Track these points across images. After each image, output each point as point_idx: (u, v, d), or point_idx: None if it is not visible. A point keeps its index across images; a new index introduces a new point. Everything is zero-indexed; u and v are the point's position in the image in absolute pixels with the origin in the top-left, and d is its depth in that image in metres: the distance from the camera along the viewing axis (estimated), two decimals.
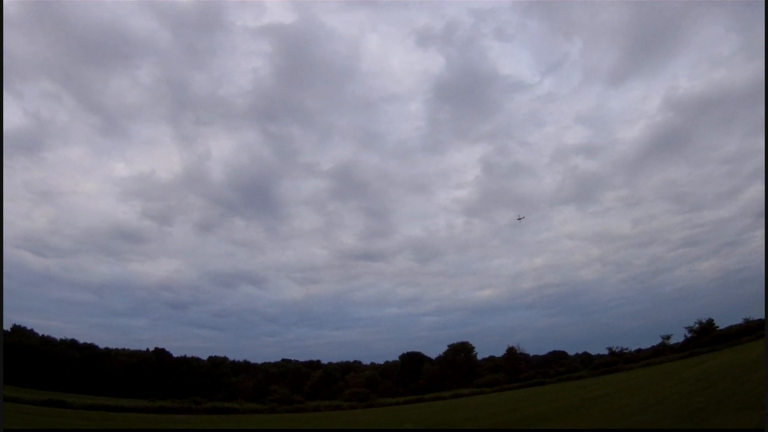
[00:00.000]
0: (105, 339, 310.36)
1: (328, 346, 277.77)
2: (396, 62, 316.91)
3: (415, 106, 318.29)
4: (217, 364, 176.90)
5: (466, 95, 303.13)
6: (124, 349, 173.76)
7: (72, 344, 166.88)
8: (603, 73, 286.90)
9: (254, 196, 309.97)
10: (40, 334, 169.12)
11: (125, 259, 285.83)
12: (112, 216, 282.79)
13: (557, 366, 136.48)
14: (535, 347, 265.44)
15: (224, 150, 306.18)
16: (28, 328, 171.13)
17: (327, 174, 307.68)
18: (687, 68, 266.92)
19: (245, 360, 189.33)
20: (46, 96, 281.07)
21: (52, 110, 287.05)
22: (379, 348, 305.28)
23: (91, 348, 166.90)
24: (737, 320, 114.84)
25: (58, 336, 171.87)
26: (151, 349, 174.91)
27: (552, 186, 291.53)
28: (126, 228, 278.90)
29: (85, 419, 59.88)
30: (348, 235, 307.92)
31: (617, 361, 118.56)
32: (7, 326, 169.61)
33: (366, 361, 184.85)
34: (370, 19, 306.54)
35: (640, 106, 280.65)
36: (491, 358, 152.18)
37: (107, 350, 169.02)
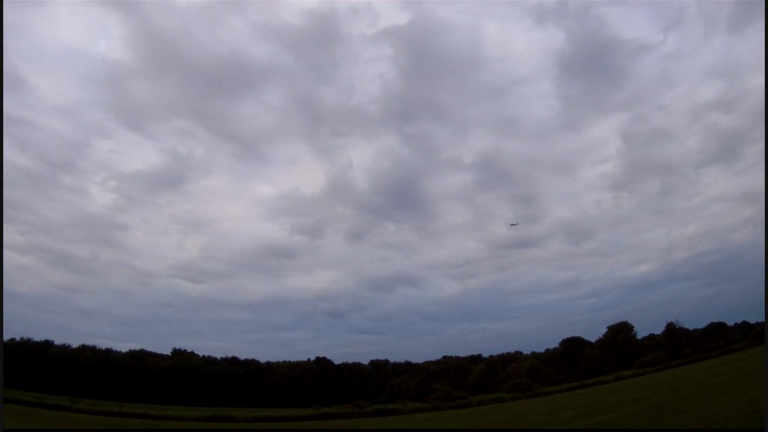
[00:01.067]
0: (266, 353, 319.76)
1: (488, 339, 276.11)
2: (518, 44, 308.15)
3: (544, 86, 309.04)
4: (379, 367, 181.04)
5: (592, 66, 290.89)
6: (285, 362, 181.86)
7: (233, 361, 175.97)
8: (723, 21, 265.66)
9: (401, 198, 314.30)
10: (201, 355, 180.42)
11: (281, 275, 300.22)
12: (262, 236, 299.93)
13: (717, 339, 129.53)
14: (694, 320, 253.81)
15: (365, 158, 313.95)
16: (189, 350, 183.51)
17: (470, 166, 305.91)
18: None
19: (407, 360, 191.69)
20: (179, 133, 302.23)
21: (187, 145, 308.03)
22: (539, 336, 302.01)
23: (252, 363, 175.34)
24: None
25: (219, 355, 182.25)
26: (313, 359, 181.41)
27: (694, 147, 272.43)
28: (278, 245, 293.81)
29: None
30: (498, 225, 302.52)
31: None
32: (167, 350, 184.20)
33: (527, 351, 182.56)
34: (483, 6, 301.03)
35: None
36: (651, 336, 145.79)
37: (269, 364, 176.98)
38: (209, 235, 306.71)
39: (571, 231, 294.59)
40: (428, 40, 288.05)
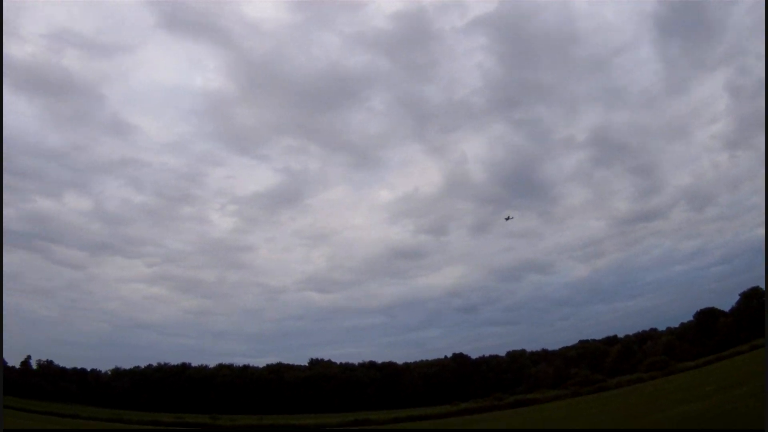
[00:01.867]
0: (402, 355, 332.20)
1: (621, 318, 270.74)
2: (609, 13, 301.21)
3: (644, 51, 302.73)
4: (516, 357, 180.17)
5: (688, 23, 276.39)
6: (422, 361, 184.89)
7: (371, 365, 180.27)
8: None
9: (519, 185, 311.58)
10: (338, 362, 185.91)
11: (409, 276, 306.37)
12: (387, 239, 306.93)
13: None
14: None
15: (477, 149, 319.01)
16: (326, 359, 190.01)
17: (584, 144, 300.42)
18: None
19: (543, 348, 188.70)
20: (290, 151, 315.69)
21: (300, 162, 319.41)
22: (672, 310, 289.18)
23: (390, 366, 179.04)
24: None
25: (356, 361, 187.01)
26: (449, 355, 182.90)
27: None
28: (403, 247, 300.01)
29: None
30: (620, 200, 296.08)
31: None
32: (304, 362, 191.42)
33: (661, 327, 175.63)
34: None
35: None
36: None
37: (406, 365, 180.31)
38: (334, 246, 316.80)
39: (692, 197, 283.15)
40: (520, 22, 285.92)
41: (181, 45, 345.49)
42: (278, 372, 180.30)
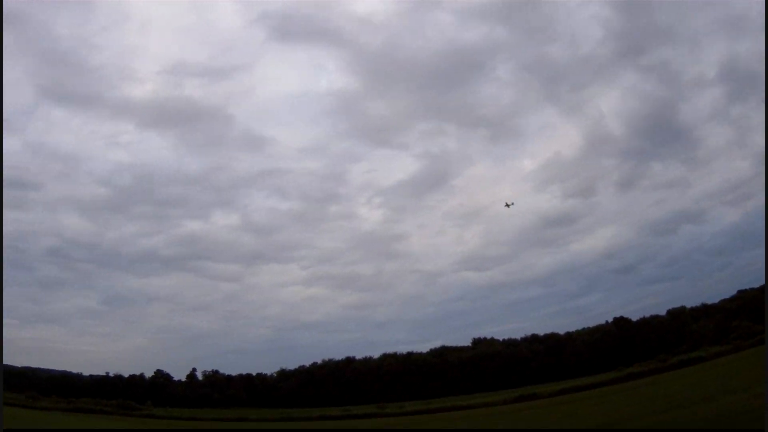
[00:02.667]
0: (563, 324, 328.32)
1: None
2: None
3: None
4: (676, 315, 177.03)
5: None
6: (584, 329, 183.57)
7: (533, 339, 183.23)
8: None
9: (659, 133, 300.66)
10: (501, 339, 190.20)
11: (563, 244, 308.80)
12: (537, 209, 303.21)
13: None
14: None
15: (612, 103, 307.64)
16: (489, 337, 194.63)
17: (715, 81, 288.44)
18: None
19: (702, 303, 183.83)
20: (427, 135, 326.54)
21: (439, 144, 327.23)
22: None
23: (552, 337, 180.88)
24: None
25: (518, 336, 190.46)
26: (610, 320, 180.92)
27: None
28: (554, 215, 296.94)
29: (557, 405, 69.51)
30: (761, 135, 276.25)
31: None
32: (467, 342, 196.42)
33: None
34: None
35: None
36: None
37: (568, 334, 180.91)
38: (485, 223, 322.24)
39: None
40: None
41: (297, 53, 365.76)
42: (442, 355, 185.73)
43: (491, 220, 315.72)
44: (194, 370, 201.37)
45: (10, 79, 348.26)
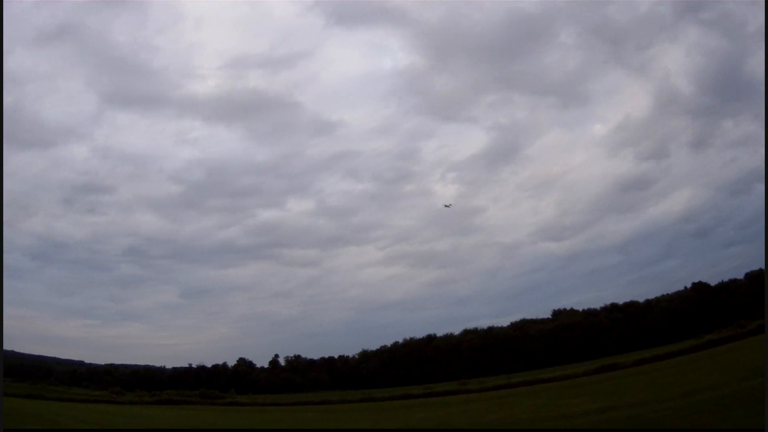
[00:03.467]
0: (643, 292, 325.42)
1: None
2: None
3: None
4: (754, 278, 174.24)
5: None
6: (663, 296, 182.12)
7: (613, 308, 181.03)
8: None
9: (728, 89, 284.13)
10: (581, 309, 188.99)
11: (639, 209, 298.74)
12: (612, 174, 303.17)
13: None
14: None
15: (678, 61, 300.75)
16: (568, 308, 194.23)
17: None
18: None
19: None
20: (495, 106, 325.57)
21: (508, 114, 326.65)
22: None
23: (632, 306, 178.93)
24: None
25: (598, 305, 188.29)
26: (689, 285, 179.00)
27: None
28: (628, 179, 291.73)
29: (637, 375, 70.45)
30: None
31: None
32: (547, 314, 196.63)
33: None
34: None
35: None
36: None
37: (647, 302, 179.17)
38: (560, 191, 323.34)
39: None
40: None
41: (358, 35, 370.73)
42: (522, 328, 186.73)
43: (565, 188, 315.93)
44: (276, 356, 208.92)
45: (71, 89, 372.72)
